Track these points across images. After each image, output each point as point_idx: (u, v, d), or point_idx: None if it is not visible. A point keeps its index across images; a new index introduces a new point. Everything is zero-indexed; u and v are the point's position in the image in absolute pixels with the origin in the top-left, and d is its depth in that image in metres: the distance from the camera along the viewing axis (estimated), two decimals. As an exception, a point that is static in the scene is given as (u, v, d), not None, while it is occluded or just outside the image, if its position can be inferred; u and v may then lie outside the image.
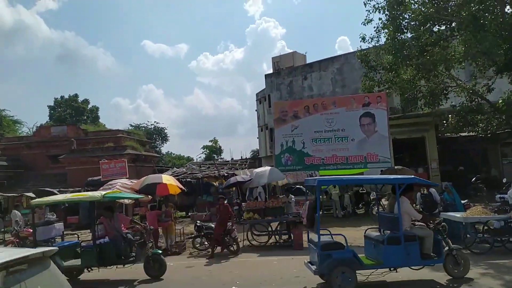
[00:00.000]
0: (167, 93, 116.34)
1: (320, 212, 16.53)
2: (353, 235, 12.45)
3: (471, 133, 16.41)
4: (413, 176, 7.99)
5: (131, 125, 52.67)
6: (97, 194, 8.80)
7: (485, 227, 9.28)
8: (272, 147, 16.90)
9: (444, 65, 14.00)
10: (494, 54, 11.73)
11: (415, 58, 14.03)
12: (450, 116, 15.13)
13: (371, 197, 17.27)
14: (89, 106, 54.12)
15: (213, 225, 11.25)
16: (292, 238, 11.21)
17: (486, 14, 11.86)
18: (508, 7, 12.47)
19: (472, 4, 11.87)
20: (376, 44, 16.13)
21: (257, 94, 38.33)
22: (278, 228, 12.16)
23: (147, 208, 12.91)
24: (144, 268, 8.39)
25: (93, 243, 8.41)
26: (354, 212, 17.10)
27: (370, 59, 16.64)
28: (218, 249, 10.91)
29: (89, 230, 10.40)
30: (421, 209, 10.70)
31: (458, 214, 9.77)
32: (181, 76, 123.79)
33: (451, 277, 6.91)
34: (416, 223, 6.95)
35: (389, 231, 7.07)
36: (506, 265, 7.82)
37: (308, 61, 34.09)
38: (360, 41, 16.22)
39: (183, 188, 13.27)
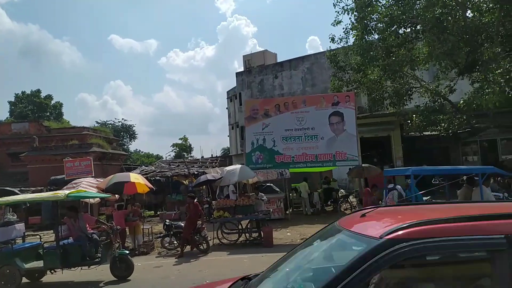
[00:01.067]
0: (136, 89, 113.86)
1: (290, 210, 16.80)
2: (322, 232, 12.69)
3: (434, 132, 17.05)
4: (492, 166, 8.57)
5: (97, 122, 51.19)
6: (61, 193, 8.48)
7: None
8: (243, 145, 16.91)
9: (409, 66, 14.47)
10: (456, 56, 12.24)
11: (381, 59, 14.41)
12: (414, 115, 15.65)
13: (340, 194, 17.66)
14: (52, 102, 52.03)
15: (182, 224, 11.12)
16: (262, 236, 11.26)
17: (449, 17, 12.35)
18: (469, 12, 13.05)
19: (436, 8, 12.33)
20: (345, 45, 16.43)
21: (228, 92, 38.17)
22: (248, 226, 12.19)
23: (113, 207, 12.57)
24: (111, 269, 8.17)
25: (56, 244, 8.11)
26: (323, 209, 17.40)
27: (339, 59, 16.95)
28: (188, 248, 10.79)
29: (52, 231, 10.00)
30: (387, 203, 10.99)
31: (421, 210, 10.12)
32: (151, 72, 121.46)
33: None
34: None
35: None
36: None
37: (279, 60, 34.32)
38: (330, 42, 16.50)
39: (152, 186, 13.03)
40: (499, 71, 11.05)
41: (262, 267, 8.62)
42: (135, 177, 12.25)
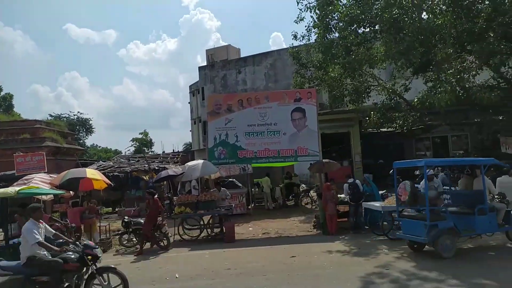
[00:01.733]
0: (93, 81, 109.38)
1: (252, 205, 16.89)
2: (284, 226, 12.88)
3: (390, 129, 17.76)
4: (492, 158, 9.01)
5: (51, 115, 48.66)
6: (10, 190, 8.03)
7: (401, 215, 10.14)
8: (205, 140, 16.71)
9: (368, 65, 14.94)
10: (411, 56, 12.78)
11: (342, 57, 14.77)
12: (372, 113, 16.21)
13: (301, 189, 17.98)
14: (2, 93, 48.80)
15: (142, 221, 10.85)
16: (224, 231, 11.24)
17: (405, 18, 12.86)
18: (424, 13, 13.64)
19: (393, 9, 12.80)
20: (307, 42, 16.69)
21: (190, 86, 37.65)
22: (210, 222, 12.11)
23: (68, 204, 12.05)
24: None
25: (5, 243, 7.67)
26: (285, 204, 17.65)
27: (301, 56, 17.20)
28: (148, 245, 10.57)
29: (1, 230, 9.42)
30: (349, 198, 11.31)
31: (377, 204, 10.55)
32: (109, 64, 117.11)
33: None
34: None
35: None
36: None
37: (243, 55, 34.26)
38: (292, 39, 16.70)
39: (110, 182, 12.61)
40: (450, 71, 11.67)
41: (224, 262, 8.68)
42: (91, 172, 11.80)
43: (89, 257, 5.85)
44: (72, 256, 5.82)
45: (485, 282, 6.12)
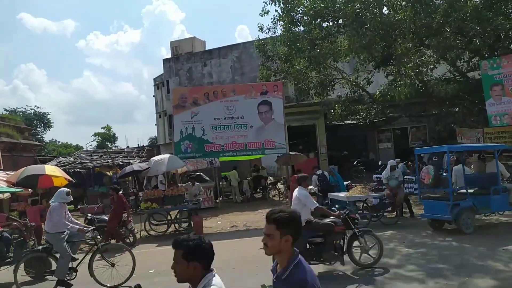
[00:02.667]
0: (51, 74, 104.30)
1: (220, 198, 16.87)
2: (252, 219, 12.96)
3: (353, 121, 18.25)
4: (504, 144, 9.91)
5: (6, 110, 45.99)
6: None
7: (364, 205, 10.50)
8: (171, 134, 16.46)
9: (332, 59, 15.24)
10: (373, 50, 13.17)
11: (307, 50, 14.96)
12: (336, 105, 16.57)
13: (268, 182, 18.14)
14: (-51, 86, 45.56)
15: (106, 218, 10.56)
16: (192, 225, 11.16)
17: (367, 13, 13.21)
18: (385, 8, 14.07)
19: (355, 3, 13.10)
20: (273, 35, 16.76)
21: (154, 79, 36.78)
22: (177, 217, 11.98)
23: (27, 202, 11.51)
24: (25, 269, 7.47)
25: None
26: (253, 197, 17.76)
27: (267, 49, 17.24)
28: (113, 242, 10.30)
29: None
30: (318, 189, 11.50)
31: (342, 194, 10.84)
32: (68, 56, 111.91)
33: None
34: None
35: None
36: (381, 237, 8.92)
37: (208, 47, 33.84)
38: (258, 31, 16.72)
39: (71, 179, 12.16)
40: (410, 65, 12.13)
41: (192, 256, 8.50)
42: (51, 169, 11.32)
43: (355, 220, 6.59)
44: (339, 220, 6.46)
45: (442, 266, 6.47)
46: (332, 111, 16.86)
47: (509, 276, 5.72)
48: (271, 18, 16.50)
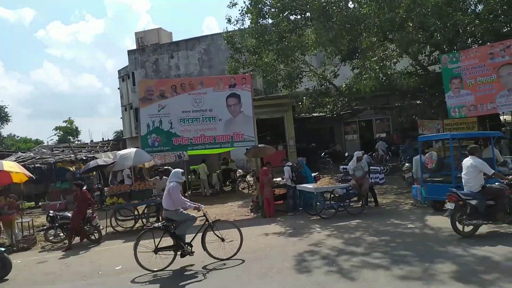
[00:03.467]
0: (8, 65, 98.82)
1: (189, 192, 16.69)
2: (221, 211, 12.94)
3: (321, 114, 18.55)
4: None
5: (-43, 103, 43.21)
6: None
7: (332, 195, 10.74)
8: (138, 127, 16.03)
9: (300, 51, 15.35)
10: (339, 43, 13.38)
11: (275, 43, 14.99)
12: (304, 98, 16.76)
13: (237, 175, 18.15)
14: None
15: (69, 214, 10.20)
16: (160, 220, 10.97)
17: (334, 7, 13.39)
18: (351, 2, 14.32)
19: (322, -3, 13.25)
20: (241, 27, 16.65)
21: (119, 71, 35.73)
22: (145, 211, 11.75)
23: (-17, 200, 10.90)
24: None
25: None
26: (222, 190, 17.71)
27: (235, 41, 17.12)
28: (77, 239, 9.99)
29: None
30: (294, 180, 11.57)
31: (310, 185, 11.02)
32: (26, 46, 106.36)
33: None
34: None
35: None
36: (347, 226, 9.21)
37: (175, 39, 33.18)
38: (226, 23, 16.54)
39: (31, 175, 11.61)
40: (374, 58, 12.43)
41: (161, 251, 8.36)
42: (9, 165, 10.77)
43: None
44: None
45: (405, 252, 6.73)
46: (300, 103, 17.04)
47: (468, 260, 6.04)
48: (239, 10, 16.41)
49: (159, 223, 7.77)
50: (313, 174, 12.57)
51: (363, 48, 13.25)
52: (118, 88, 36.33)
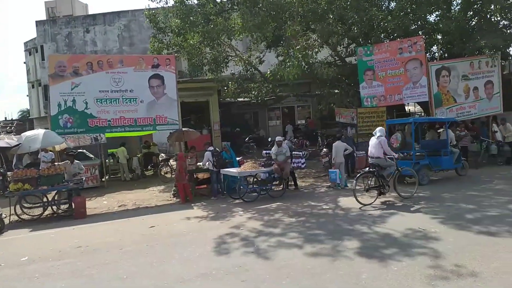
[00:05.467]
0: None
1: (107, 177, 15.83)
2: (142, 197, 12.53)
3: (246, 99, 18.72)
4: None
5: None
6: None
7: (255, 179, 11.00)
8: (47, 107, 14.65)
9: (226, 36, 15.21)
10: (265, 30, 13.53)
11: (201, 25, 14.64)
12: (230, 83, 16.73)
13: (160, 159, 17.63)
14: None
15: (-36, 203, 9.04)
16: (73, 207, 10.28)
17: (260, -8, 13.43)
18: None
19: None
20: (165, 6, 15.94)
21: (26, 44, 32.12)
22: (55, 198, 10.87)
23: None
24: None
25: None
26: (143, 174, 17.11)
27: (158, 20, 16.33)
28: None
29: None
30: (214, 164, 11.51)
31: (234, 170, 11.16)
32: None
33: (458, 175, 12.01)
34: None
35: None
36: (267, 209, 9.54)
37: (91, 12, 30.68)
38: (149, 0, 15.64)
39: None
40: (298, 47, 12.82)
41: (73, 240, 7.99)
42: None
43: None
44: None
45: (318, 232, 7.21)
46: (225, 88, 16.98)
47: (372, 237, 6.66)
48: (163, -13, 15.67)
49: (367, 169, 9.42)
50: (237, 159, 12.73)
51: (287, 36, 13.57)
52: (24, 63, 32.74)
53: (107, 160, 16.62)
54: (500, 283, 4.57)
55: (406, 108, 19.14)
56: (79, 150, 15.25)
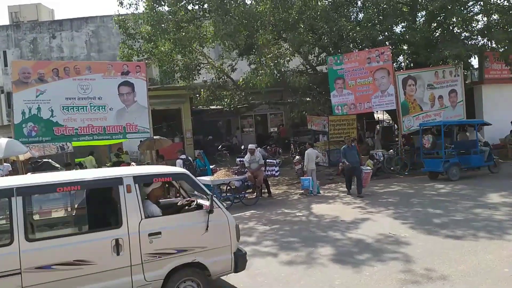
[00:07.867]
0: None
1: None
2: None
3: (218, 107, 18.66)
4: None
5: None
6: None
7: (228, 187, 10.92)
8: (10, 114, 13.99)
9: (198, 43, 15.15)
10: (237, 38, 13.59)
11: (172, 32, 14.51)
12: (202, 90, 16.64)
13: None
14: None
15: None
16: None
17: (232, 1, 13.52)
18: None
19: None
20: (135, 12, 15.72)
21: (-14, 48, 30.67)
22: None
23: None
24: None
25: None
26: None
27: (128, 26, 16.06)
28: None
29: None
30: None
31: (207, 178, 11.02)
32: None
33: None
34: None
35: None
36: (241, 217, 9.43)
37: (57, 18, 29.79)
38: (118, 5, 15.38)
39: None
40: (269, 55, 12.94)
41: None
42: None
43: None
44: None
45: (292, 239, 7.21)
46: (197, 95, 16.87)
47: (345, 243, 6.74)
48: (133, -7, 15.45)
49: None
50: (211, 167, 12.61)
51: (259, 45, 13.68)
52: (-15, 68, 31.22)
53: (74, 170, 16.05)
54: (467, 285, 4.72)
55: (375, 115, 19.69)
56: (44, 160, 14.67)
